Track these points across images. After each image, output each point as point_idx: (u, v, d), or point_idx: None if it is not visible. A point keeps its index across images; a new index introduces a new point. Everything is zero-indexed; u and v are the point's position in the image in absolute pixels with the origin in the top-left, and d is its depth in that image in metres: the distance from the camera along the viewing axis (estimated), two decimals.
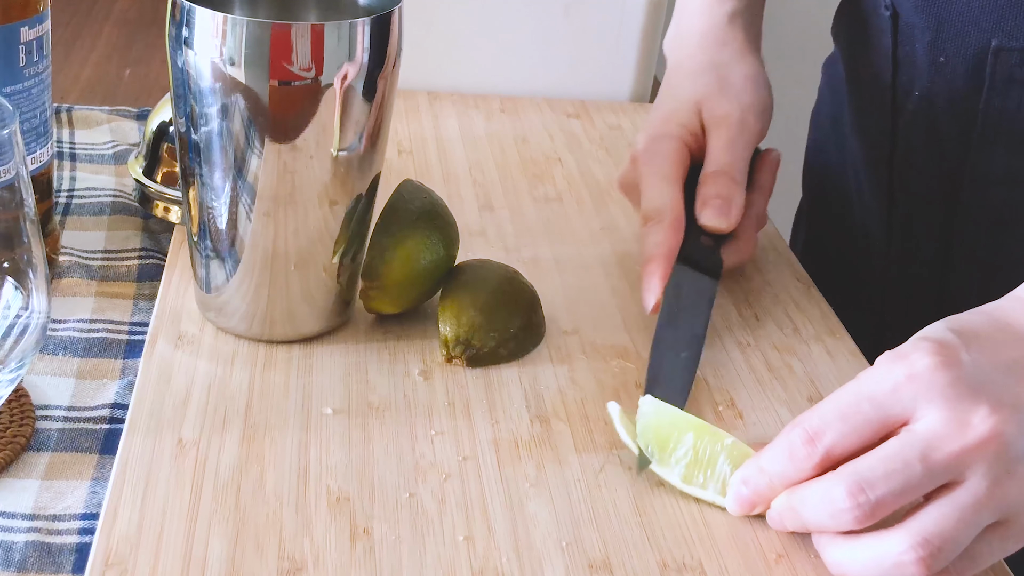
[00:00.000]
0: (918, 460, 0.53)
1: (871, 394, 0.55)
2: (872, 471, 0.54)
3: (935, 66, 0.78)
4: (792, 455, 0.56)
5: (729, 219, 0.74)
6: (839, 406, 0.56)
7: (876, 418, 0.55)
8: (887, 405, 0.55)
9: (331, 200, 0.66)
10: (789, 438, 0.57)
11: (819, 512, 0.55)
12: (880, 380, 0.55)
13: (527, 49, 1.07)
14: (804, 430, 0.56)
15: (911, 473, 0.53)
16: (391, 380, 0.68)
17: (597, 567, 0.56)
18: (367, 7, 0.67)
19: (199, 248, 0.68)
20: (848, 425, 0.55)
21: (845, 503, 0.54)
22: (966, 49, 0.76)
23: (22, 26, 0.70)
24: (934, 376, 0.54)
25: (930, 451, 0.53)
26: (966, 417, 0.53)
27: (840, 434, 0.55)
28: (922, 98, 0.80)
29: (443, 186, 0.89)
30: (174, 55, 0.63)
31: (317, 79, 0.62)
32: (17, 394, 0.65)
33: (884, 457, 0.54)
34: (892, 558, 0.53)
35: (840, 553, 0.56)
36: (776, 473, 0.57)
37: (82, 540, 0.58)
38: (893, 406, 0.54)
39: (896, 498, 0.53)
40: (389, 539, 0.57)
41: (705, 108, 0.78)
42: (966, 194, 0.80)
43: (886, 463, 0.53)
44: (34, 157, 0.73)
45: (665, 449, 0.61)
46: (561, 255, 0.82)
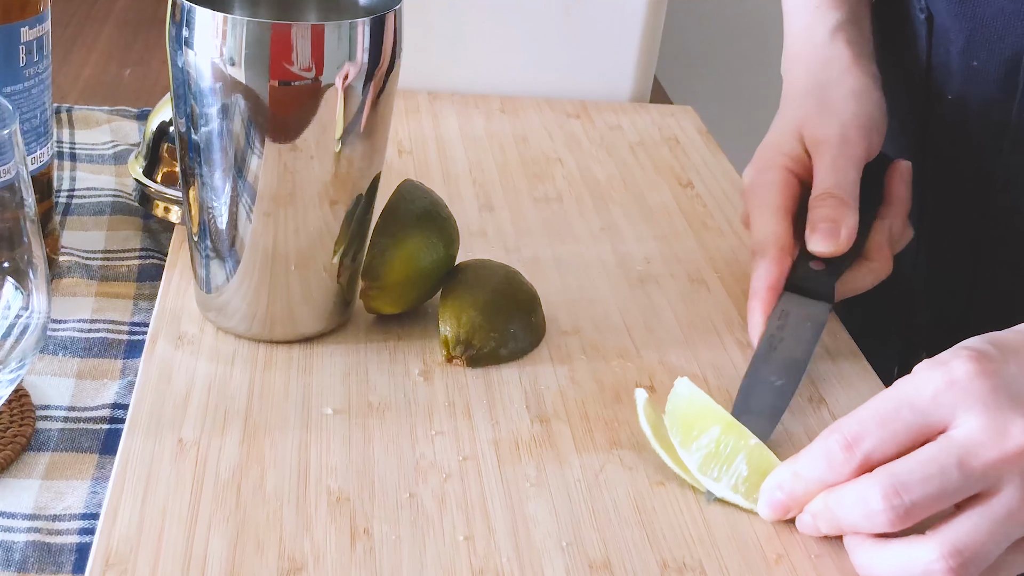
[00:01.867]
0: (955, 466, 0.53)
1: (911, 400, 0.55)
2: (910, 474, 0.54)
3: (968, 71, 0.78)
4: (830, 460, 0.56)
5: (838, 242, 0.71)
6: (878, 412, 0.55)
7: (915, 424, 0.55)
8: (927, 411, 0.54)
9: (331, 200, 0.66)
10: (827, 443, 0.56)
11: (853, 513, 0.55)
12: (920, 387, 0.55)
13: (527, 49, 1.07)
14: (843, 435, 0.56)
15: (948, 479, 0.53)
16: (391, 380, 0.68)
17: (597, 567, 0.56)
18: (367, 7, 0.67)
19: (199, 248, 0.68)
20: (887, 431, 0.55)
21: (880, 504, 0.54)
22: (999, 55, 0.75)
23: (22, 26, 0.70)
24: (973, 384, 0.54)
25: (968, 458, 0.53)
26: (1005, 426, 0.53)
27: (879, 440, 0.55)
28: (954, 102, 0.79)
29: (443, 186, 0.89)
30: (174, 55, 0.63)
31: (317, 79, 0.62)
32: (17, 394, 0.65)
33: (922, 461, 0.54)
34: (922, 565, 0.53)
35: (869, 556, 0.56)
36: (813, 478, 0.57)
37: (82, 540, 0.58)
38: (933, 412, 0.54)
39: (932, 503, 0.53)
40: (389, 539, 0.57)
41: (806, 131, 0.75)
42: (996, 200, 0.79)
43: (923, 467, 0.53)
44: (34, 157, 0.73)
45: (689, 434, 0.61)
46: (561, 255, 0.82)
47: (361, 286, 0.71)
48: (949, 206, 0.83)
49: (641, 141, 1.01)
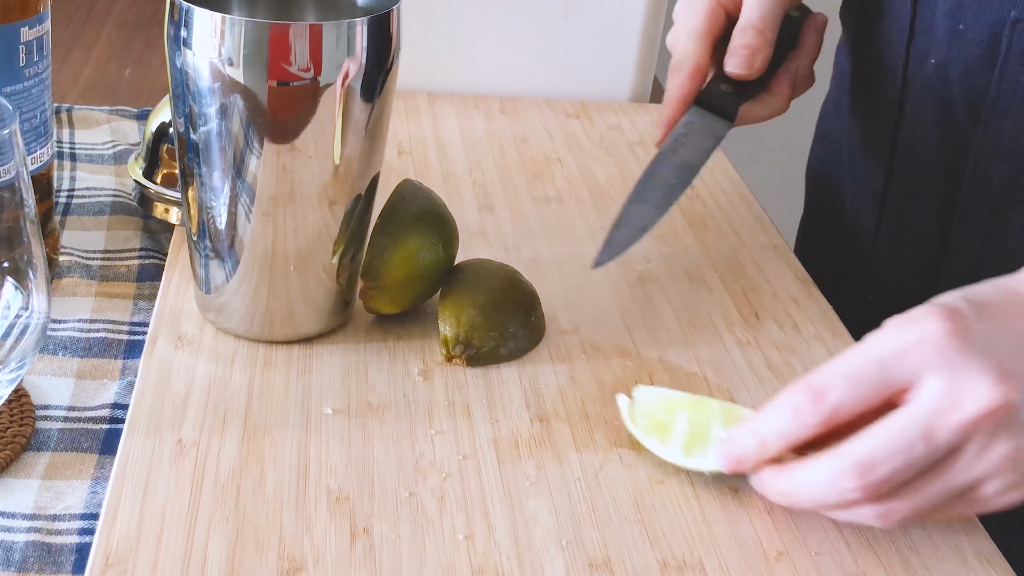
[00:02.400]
0: (921, 438, 0.53)
1: (878, 356, 0.55)
2: (875, 452, 0.54)
3: (953, 34, 0.78)
4: (796, 411, 0.56)
5: (751, 68, 0.77)
6: (846, 366, 0.56)
7: (882, 379, 0.55)
8: (893, 368, 0.54)
9: (330, 200, 0.66)
10: (794, 395, 0.57)
11: (822, 491, 0.56)
12: (888, 342, 0.55)
13: (527, 49, 1.07)
14: (810, 387, 0.56)
15: (914, 452, 0.53)
16: (391, 380, 0.68)
17: (597, 566, 0.56)
18: (365, 7, 0.67)
19: (199, 248, 0.68)
20: (853, 384, 0.55)
21: (850, 483, 0.54)
22: (985, 19, 0.76)
23: (22, 26, 0.70)
24: (941, 341, 0.54)
25: (932, 427, 0.53)
26: (969, 389, 0.53)
27: (845, 393, 0.55)
28: (937, 66, 0.80)
29: (443, 186, 0.89)
30: (173, 55, 0.64)
31: (316, 79, 0.62)
32: (17, 394, 0.65)
33: (887, 438, 0.54)
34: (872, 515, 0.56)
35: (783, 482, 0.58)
36: (777, 432, 0.57)
37: (82, 540, 0.58)
38: (899, 369, 0.54)
39: (900, 475, 0.54)
40: (389, 538, 0.57)
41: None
42: (971, 169, 0.79)
43: (888, 444, 0.54)
44: (34, 157, 0.73)
45: (664, 432, 0.62)
46: (561, 255, 0.82)
47: (360, 286, 0.71)
48: (919, 175, 0.84)
49: (641, 141, 1.01)
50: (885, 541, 0.60)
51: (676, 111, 0.78)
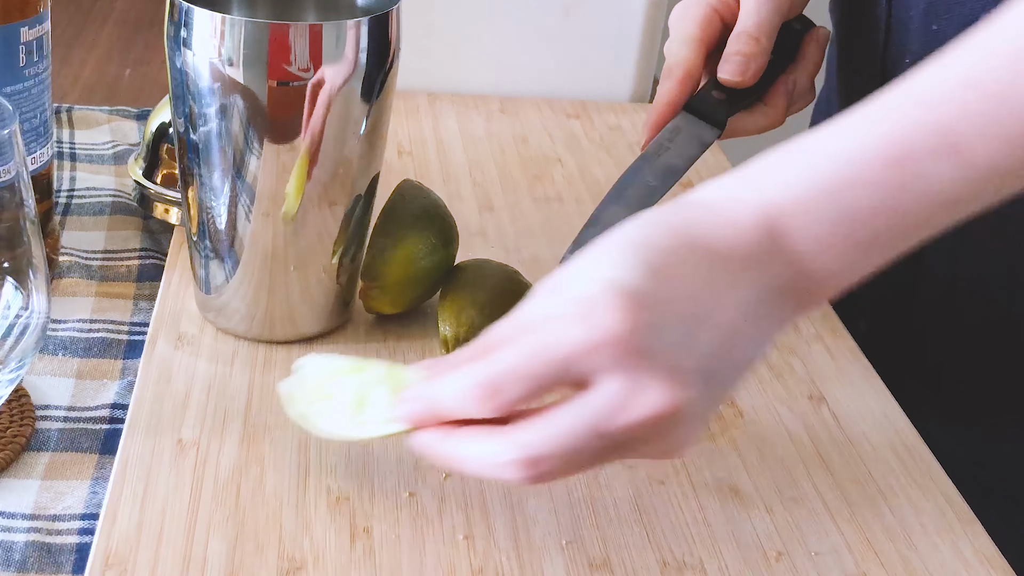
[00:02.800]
0: (592, 436, 0.51)
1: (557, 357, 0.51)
2: (542, 446, 0.51)
3: (928, 33, 0.79)
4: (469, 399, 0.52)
5: (744, 75, 0.76)
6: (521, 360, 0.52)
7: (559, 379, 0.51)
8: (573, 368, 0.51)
9: (330, 200, 0.66)
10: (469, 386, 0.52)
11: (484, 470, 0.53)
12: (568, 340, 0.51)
13: (527, 49, 1.07)
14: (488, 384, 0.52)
15: (584, 448, 0.51)
16: None
17: (597, 566, 0.56)
18: (365, 7, 0.67)
19: (198, 249, 0.68)
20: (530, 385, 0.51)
21: (515, 473, 0.51)
22: (959, 18, 0.76)
23: (22, 26, 0.70)
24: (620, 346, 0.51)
25: (603, 426, 0.51)
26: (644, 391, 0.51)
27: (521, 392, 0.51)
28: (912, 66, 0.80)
29: (443, 186, 0.89)
30: (173, 55, 0.64)
31: (315, 79, 0.62)
32: (17, 394, 0.65)
33: (556, 434, 0.51)
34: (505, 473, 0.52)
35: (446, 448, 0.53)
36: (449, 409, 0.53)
37: (82, 540, 0.58)
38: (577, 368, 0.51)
39: (570, 467, 0.52)
40: (389, 538, 0.57)
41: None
42: None
43: (557, 439, 0.51)
44: (34, 157, 0.73)
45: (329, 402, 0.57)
46: (561, 255, 0.82)
47: (360, 286, 0.71)
48: None
49: (641, 141, 1.01)
50: (885, 541, 0.60)
51: (664, 116, 0.77)
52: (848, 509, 0.61)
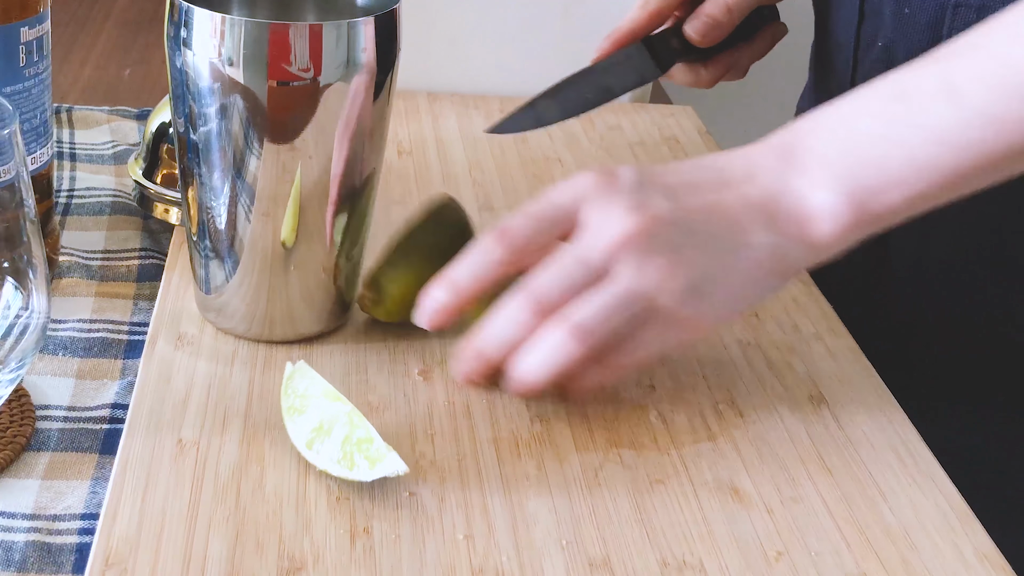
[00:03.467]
0: (575, 262, 0.61)
1: (550, 197, 0.64)
2: (539, 277, 0.62)
3: (899, 17, 0.80)
4: (484, 249, 0.63)
5: (705, 39, 0.83)
6: (526, 208, 0.64)
7: (551, 215, 0.63)
8: (559, 204, 0.63)
9: (330, 200, 0.66)
10: (483, 238, 0.63)
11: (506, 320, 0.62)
12: (559, 188, 0.64)
13: (527, 49, 1.07)
14: (497, 228, 0.63)
15: (574, 272, 0.61)
16: (391, 380, 0.68)
17: (597, 565, 0.56)
18: (365, 7, 0.67)
19: (198, 249, 0.68)
20: (529, 219, 0.63)
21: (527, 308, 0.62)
22: (929, 3, 0.78)
23: (22, 26, 0.70)
24: (592, 183, 0.63)
25: (584, 251, 0.61)
26: (611, 217, 0.61)
27: (523, 227, 0.63)
28: (884, 49, 0.82)
29: (443, 186, 0.89)
30: (173, 55, 0.64)
31: (315, 79, 0.62)
32: (17, 394, 0.65)
33: (549, 266, 0.62)
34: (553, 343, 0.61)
35: (520, 364, 0.62)
36: (467, 271, 0.63)
37: (82, 540, 0.58)
38: (563, 206, 0.63)
39: (565, 294, 0.61)
40: (389, 538, 0.57)
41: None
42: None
43: (550, 270, 0.62)
44: (34, 157, 0.73)
45: (299, 415, 0.61)
46: None
47: (360, 290, 0.71)
48: None
49: (641, 141, 1.01)
50: (885, 541, 0.60)
51: (623, 39, 0.84)
52: (848, 509, 0.61)
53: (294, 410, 0.61)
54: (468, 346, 0.64)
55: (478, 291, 0.64)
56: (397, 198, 0.87)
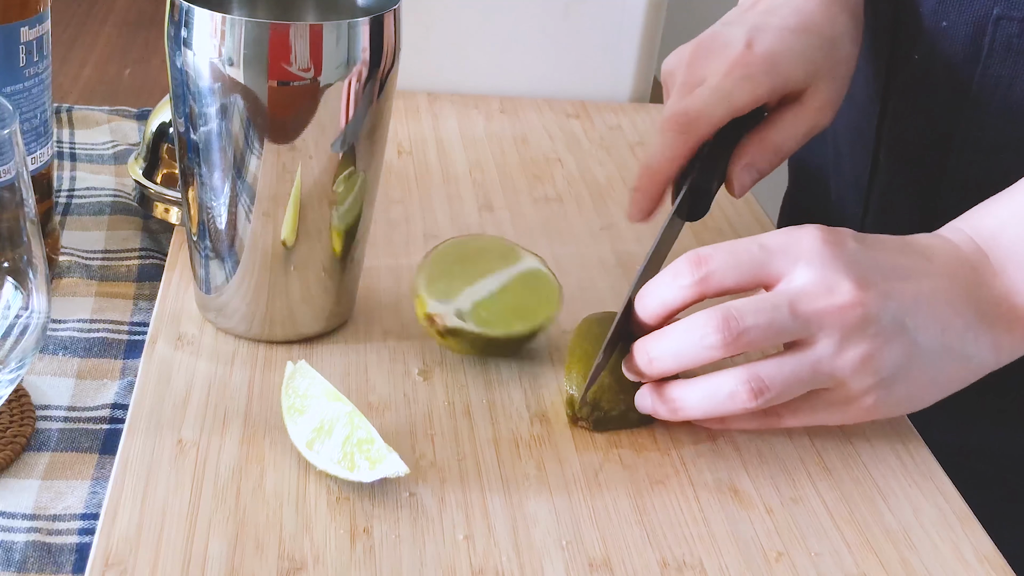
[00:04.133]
0: (786, 305, 0.59)
1: (764, 241, 0.61)
2: (743, 305, 0.59)
3: (937, 31, 0.78)
4: (677, 273, 0.61)
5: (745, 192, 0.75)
6: (732, 243, 0.61)
7: (760, 260, 0.60)
8: (773, 253, 0.60)
9: (330, 200, 0.66)
10: (677, 261, 0.61)
11: (690, 337, 0.60)
12: (774, 236, 0.61)
13: (527, 49, 1.07)
14: (695, 253, 0.61)
15: (778, 315, 0.59)
16: (391, 380, 0.68)
17: (597, 566, 0.56)
18: (366, 7, 0.67)
19: (199, 248, 0.69)
20: (733, 257, 0.61)
21: (713, 324, 0.59)
22: (969, 16, 0.76)
23: (22, 26, 0.70)
24: (817, 245, 0.60)
25: (798, 302, 0.59)
26: (834, 285, 0.59)
27: (724, 262, 0.60)
28: (920, 62, 0.80)
29: (443, 186, 0.89)
30: (173, 55, 0.64)
31: (316, 79, 0.62)
32: (17, 394, 0.65)
33: (756, 298, 0.60)
34: (727, 388, 0.60)
35: (682, 391, 0.62)
36: (655, 292, 0.62)
37: (82, 540, 0.58)
38: (778, 256, 0.60)
39: (761, 332, 0.59)
40: (389, 538, 0.57)
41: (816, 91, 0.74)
42: (953, 162, 0.80)
43: (756, 302, 0.59)
44: (34, 157, 0.73)
45: (299, 415, 0.61)
46: (561, 255, 0.82)
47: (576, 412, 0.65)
48: (903, 168, 0.84)
49: (641, 141, 1.01)
50: (885, 541, 0.60)
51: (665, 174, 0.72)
52: (848, 509, 0.61)
53: (295, 410, 0.61)
54: (640, 346, 0.62)
55: (665, 315, 0.62)
56: (397, 198, 0.87)
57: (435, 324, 0.67)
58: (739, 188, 0.74)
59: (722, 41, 0.74)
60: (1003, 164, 0.78)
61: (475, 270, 0.69)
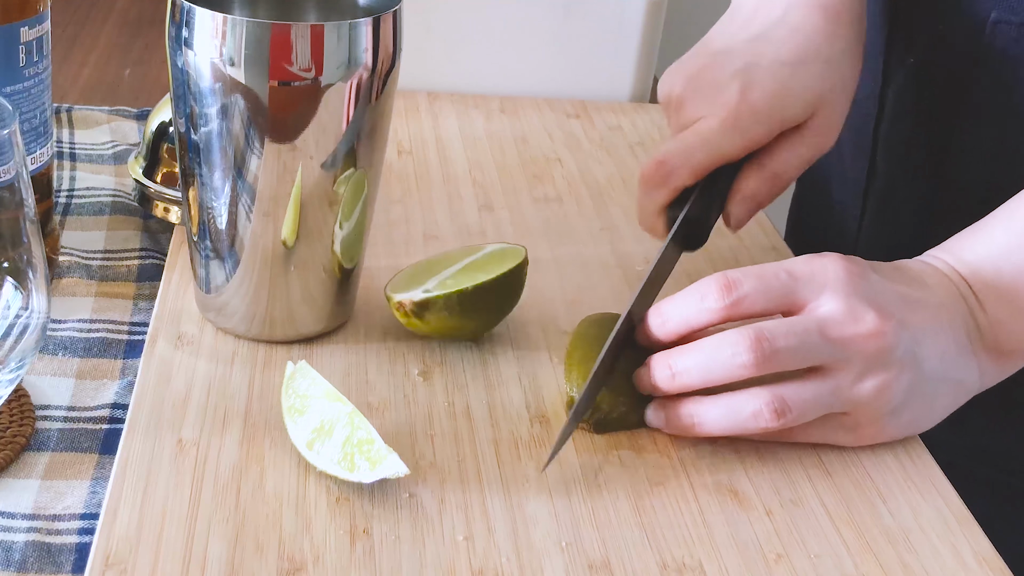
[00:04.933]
0: (816, 330, 0.60)
1: (791, 269, 0.62)
2: (775, 327, 0.60)
3: (934, 34, 0.78)
4: (704, 295, 0.61)
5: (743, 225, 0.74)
6: (760, 268, 0.62)
7: (788, 287, 0.61)
8: (801, 281, 0.61)
9: (331, 200, 0.66)
10: (707, 282, 0.61)
11: (720, 353, 0.60)
12: (801, 263, 0.62)
13: (527, 49, 1.07)
14: (724, 276, 0.61)
15: (808, 338, 0.60)
16: (391, 380, 0.68)
17: (597, 567, 0.56)
18: (367, 7, 0.67)
19: (199, 248, 0.69)
20: (763, 283, 0.61)
21: (746, 343, 0.59)
22: (966, 20, 0.76)
23: (22, 26, 0.70)
24: (843, 275, 0.61)
25: (827, 327, 0.60)
26: (859, 314, 0.60)
27: (753, 288, 0.61)
28: (917, 66, 0.80)
29: (443, 186, 0.89)
30: (174, 55, 0.64)
31: (317, 79, 0.62)
32: (17, 394, 0.65)
33: (786, 321, 0.60)
34: (750, 407, 0.60)
35: (701, 408, 0.62)
36: (680, 311, 0.62)
37: (82, 540, 0.58)
38: (805, 284, 0.61)
39: (791, 354, 0.60)
40: (389, 539, 0.57)
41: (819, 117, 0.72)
42: (951, 165, 0.80)
43: (788, 325, 0.60)
44: (34, 157, 0.73)
45: (299, 416, 0.61)
46: (561, 255, 0.82)
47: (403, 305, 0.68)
48: (900, 170, 0.84)
49: (641, 141, 1.01)
50: (884, 543, 0.60)
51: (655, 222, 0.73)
52: (847, 511, 0.61)
53: (295, 410, 0.61)
54: (661, 359, 0.63)
55: (686, 333, 0.63)
56: (397, 198, 0.87)
57: (405, 308, 0.68)
58: (735, 223, 0.73)
59: (715, 81, 0.71)
60: (1001, 168, 0.78)
61: (439, 267, 0.70)
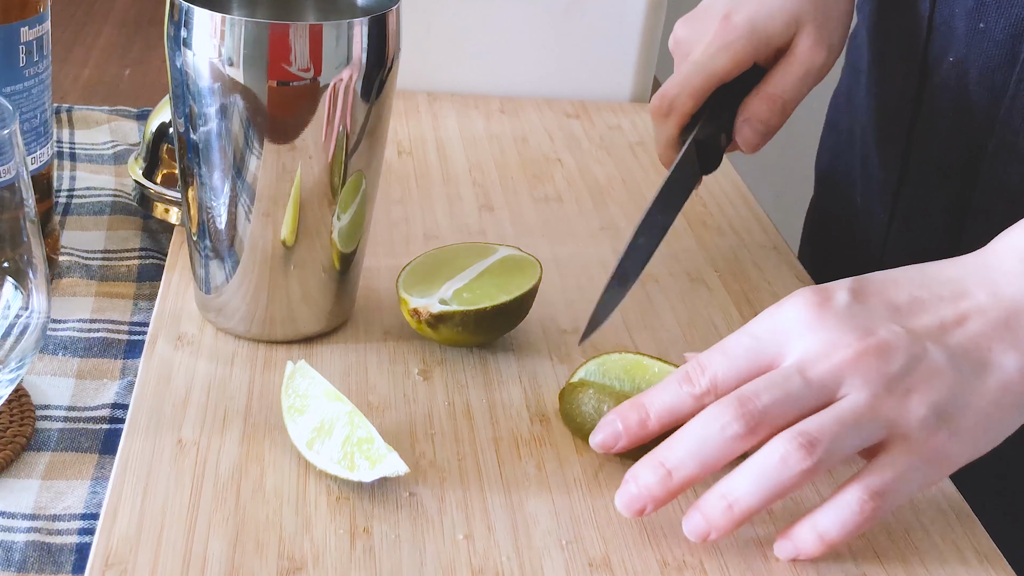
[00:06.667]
0: (796, 375, 0.56)
1: (751, 330, 0.59)
2: (755, 385, 0.56)
3: (973, 33, 0.77)
4: (681, 382, 0.58)
5: (759, 147, 0.76)
6: (723, 344, 0.59)
7: (754, 349, 0.58)
8: (763, 339, 0.58)
9: (330, 200, 0.66)
10: (678, 372, 0.59)
11: (708, 431, 0.56)
12: (760, 319, 0.59)
13: (527, 49, 1.07)
14: (696, 361, 0.58)
15: (792, 384, 0.56)
16: (391, 380, 0.68)
17: (597, 565, 0.56)
18: (365, 7, 0.67)
19: (199, 248, 0.69)
20: (729, 356, 0.58)
21: (731, 412, 0.55)
22: (1008, 18, 0.75)
23: (22, 26, 0.70)
24: (803, 314, 0.58)
25: (806, 369, 0.56)
26: (834, 343, 0.56)
27: (721, 364, 0.58)
28: (955, 65, 0.79)
29: (443, 186, 0.89)
30: (173, 55, 0.64)
31: (316, 79, 0.62)
32: (17, 394, 0.65)
33: (765, 377, 0.57)
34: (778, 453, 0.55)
35: (725, 486, 0.56)
36: (662, 401, 0.59)
37: (82, 540, 0.58)
38: (768, 340, 0.58)
39: (781, 406, 0.56)
40: (389, 538, 0.57)
41: (802, 36, 0.76)
42: (986, 168, 0.79)
43: (767, 379, 0.56)
44: (34, 157, 0.73)
45: (299, 415, 0.61)
46: (561, 255, 0.82)
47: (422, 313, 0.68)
48: (934, 173, 0.83)
49: (641, 141, 1.01)
50: (885, 541, 0.60)
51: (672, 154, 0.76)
52: None
53: (295, 410, 0.61)
54: (650, 460, 0.57)
55: (667, 425, 0.58)
56: (397, 198, 0.87)
57: (420, 316, 0.67)
58: (743, 142, 0.76)
59: (705, 14, 0.78)
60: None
61: (452, 268, 0.70)
